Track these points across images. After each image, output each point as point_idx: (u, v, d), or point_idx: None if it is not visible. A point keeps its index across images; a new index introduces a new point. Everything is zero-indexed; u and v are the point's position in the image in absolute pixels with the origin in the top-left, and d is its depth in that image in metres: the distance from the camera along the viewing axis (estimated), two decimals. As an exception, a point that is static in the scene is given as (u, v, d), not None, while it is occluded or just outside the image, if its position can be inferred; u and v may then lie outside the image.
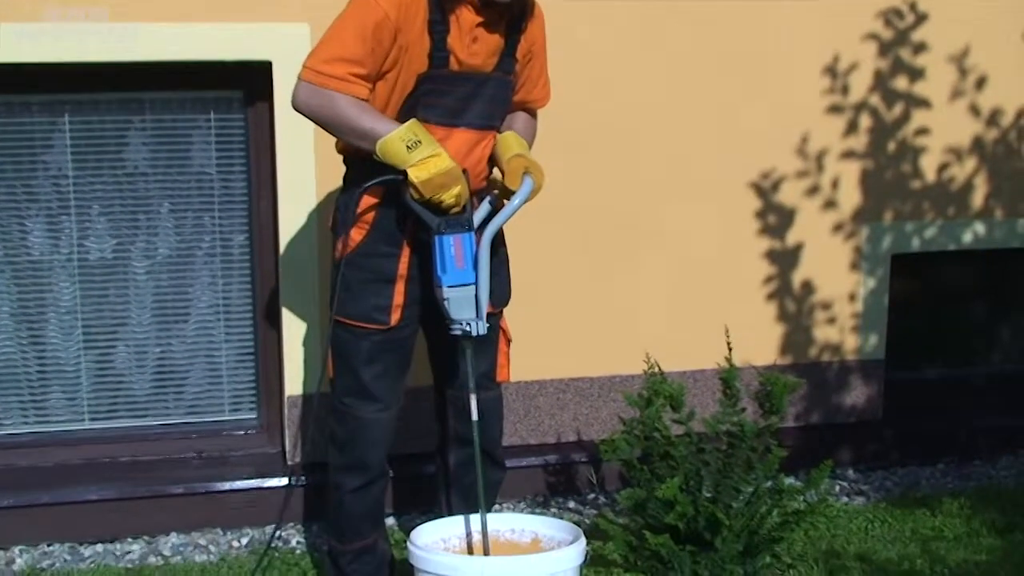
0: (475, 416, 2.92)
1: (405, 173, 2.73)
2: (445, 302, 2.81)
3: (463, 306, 2.82)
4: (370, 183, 2.82)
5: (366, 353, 2.91)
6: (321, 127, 2.84)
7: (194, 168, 3.95)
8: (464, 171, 2.80)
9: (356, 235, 2.89)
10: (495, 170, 3.04)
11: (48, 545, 3.67)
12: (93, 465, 3.93)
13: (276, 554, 3.59)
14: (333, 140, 2.94)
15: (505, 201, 2.94)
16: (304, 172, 3.78)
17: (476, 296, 2.83)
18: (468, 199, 2.81)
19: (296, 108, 2.79)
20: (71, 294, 3.93)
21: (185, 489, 3.79)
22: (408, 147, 2.70)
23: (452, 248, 2.79)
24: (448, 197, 2.75)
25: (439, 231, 2.79)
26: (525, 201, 2.90)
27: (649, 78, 4.07)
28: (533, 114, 3.16)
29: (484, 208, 2.95)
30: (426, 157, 2.71)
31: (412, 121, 2.75)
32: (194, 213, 3.98)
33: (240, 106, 3.94)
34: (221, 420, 4.10)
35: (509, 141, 2.98)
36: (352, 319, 2.91)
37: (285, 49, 3.71)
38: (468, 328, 2.82)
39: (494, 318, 3.05)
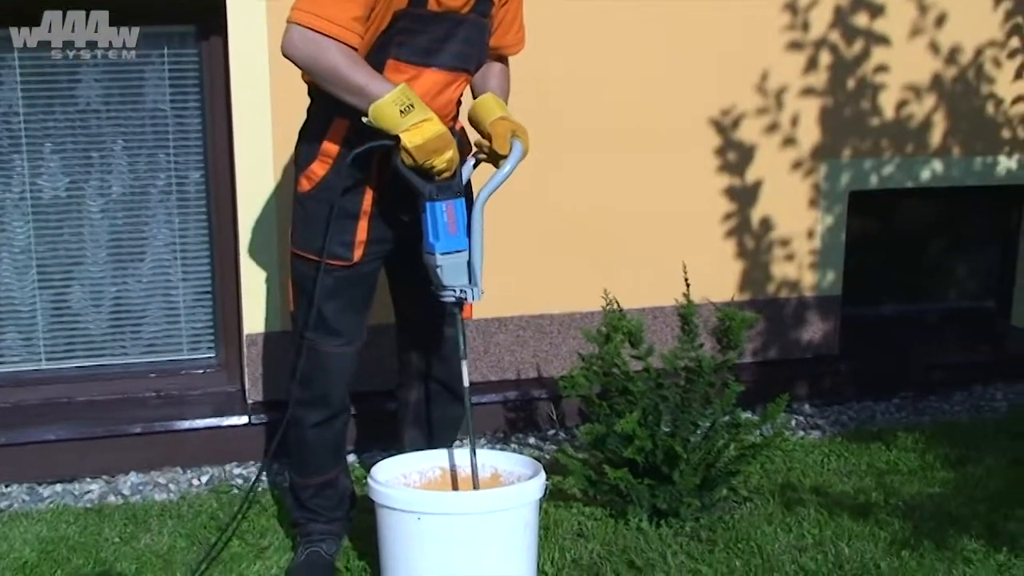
0: (466, 382, 2.92)
1: (397, 138, 2.68)
2: (438, 269, 2.78)
3: (456, 273, 2.80)
4: (360, 149, 2.76)
5: (328, 288, 2.91)
6: (309, 74, 2.75)
7: (147, 105, 3.92)
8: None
9: (320, 169, 2.87)
10: (476, 133, 3.00)
11: (6, 486, 3.67)
12: (50, 405, 3.93)
13: (236, 491, 3.62)
14: (289, 73, 2.90)
15: (493, 166, 2.92)
16: (260, 107, 3.75)
17: (469, 262, 2.81)
18: (459, 164, 2.80)
19: (285, 54, 2.69)
20: (25, 234, 3.90)
21: (144, 428, 3.79)
22: (401, 111, 2.65)
23: (444, 215, 2.76)
24: (440, 162, 2.72)
25: (431, 197, 2.75)
26: (516, 165, 2.88)
27: (608, 17, 4.06)
28: (505, 62, 3.12)
29: (467, 169, 2.94)
30: (419, 122, 2.67)
31: (403, 85, 2.69)
32: (148, 150, 3.95)
33: (193, 41, 3.90)
34: (179, 359, 4.11)
35: (489, 104, 2.95)
36: (315, 254, 2.90)
37: (239, -18, 3.68)
38: (463, 295, 2.81)
39: None
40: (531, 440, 4.09)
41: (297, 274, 2.96)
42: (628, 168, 4.18)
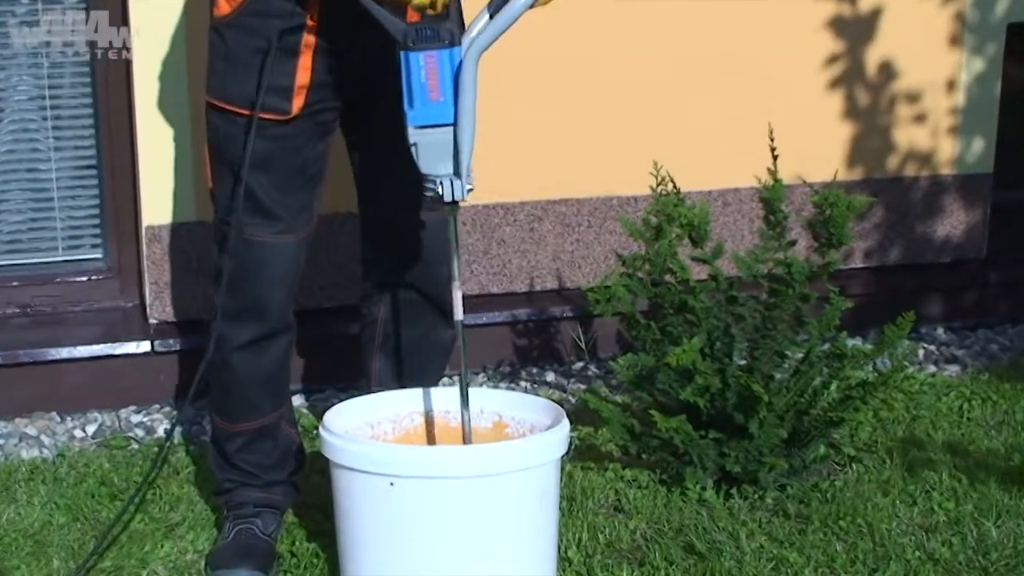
0: (459, 315, 2.89)
1: None
2: (412, 148, 2.75)
3: (436, 156, 2.75)
4: None
5: (258, 153, 2.89)
6: None
7: None
8: None
9: (243, -17, 2.86)
10: None
11: None
12: None
13: (136, 445, 3.66)
14: None
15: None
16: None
17: (456, 142, 2.76)
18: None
19: None
20: None
21: (5, 359, 3.83)
22: None
23: (423, 71, 2.71)
24: None
25: (406, 45, 2.71)
26: (529, 6, 2.77)
27: None
28: None
29: (482, 19, 2.87)
30: None
31: None
32: (4, -38, 3.94)
33: None
34: (53, 262, 4.13)
35: None
36: (236, 104, 2.89)
37: None
38: (440, 189, 2.78)
39: None
40: (549, 376, 4.13)
41: (215, 135, 2.95)
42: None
